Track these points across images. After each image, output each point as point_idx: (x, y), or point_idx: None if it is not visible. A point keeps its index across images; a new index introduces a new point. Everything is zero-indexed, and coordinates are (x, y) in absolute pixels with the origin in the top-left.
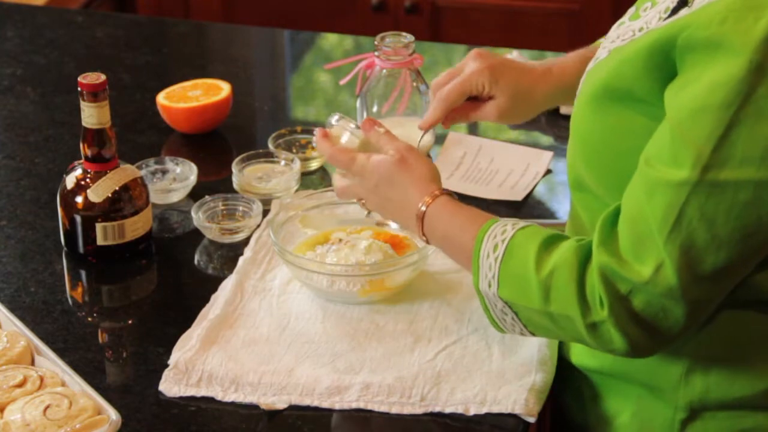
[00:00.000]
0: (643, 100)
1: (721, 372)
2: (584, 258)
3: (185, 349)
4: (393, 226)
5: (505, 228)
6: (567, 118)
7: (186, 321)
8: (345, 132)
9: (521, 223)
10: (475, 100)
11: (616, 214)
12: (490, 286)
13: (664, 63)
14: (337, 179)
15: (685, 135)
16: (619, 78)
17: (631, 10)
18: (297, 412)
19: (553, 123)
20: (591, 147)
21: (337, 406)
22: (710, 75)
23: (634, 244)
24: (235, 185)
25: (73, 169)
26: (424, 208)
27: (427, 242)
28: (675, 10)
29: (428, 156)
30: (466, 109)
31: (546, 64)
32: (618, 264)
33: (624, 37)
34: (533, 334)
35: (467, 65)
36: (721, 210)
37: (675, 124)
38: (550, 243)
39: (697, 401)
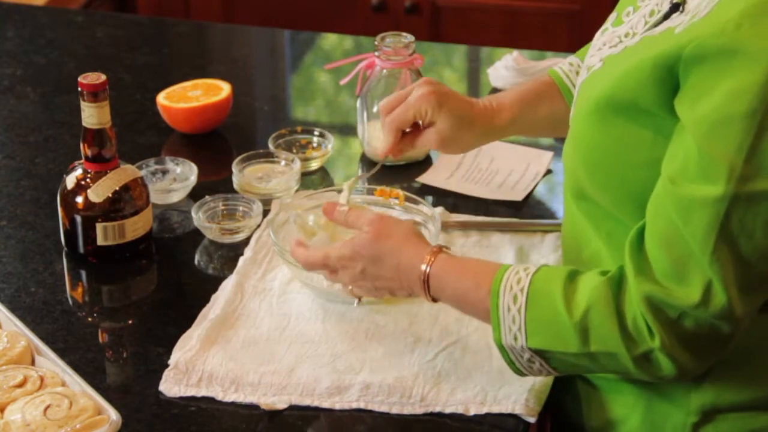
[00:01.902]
0: (648, 112)
1: (733, 375)
2: (616, 291)
3: (185, 349)
4: None
5: (519, 276)
6: None
7: (186, 321)
8: (298, 225)
9: (531, 267)
10: (418, 128)
11: (640, 236)
12: (516, 339)
13: (666, 76)
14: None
15: (712, 149)
16: (623, 90)
17: (612, 16)
18: (297, 412)
19: None
20: (595, 158)
21: (337, 406)
22: (728, 83)
23: (675, 267)
24: (235, 185)
25: (73, 169)
26: (427, 269)
27: (434, 301)
28: (667, 15)
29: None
30: (410, 137)
31: (487, 102)
32: (662, 291)
33: (612, 44)
34: (560, 373)
35: (414, 90)
36: (759, 222)
37: (700, 139)
38: (571, 282)
39: (709, 405)
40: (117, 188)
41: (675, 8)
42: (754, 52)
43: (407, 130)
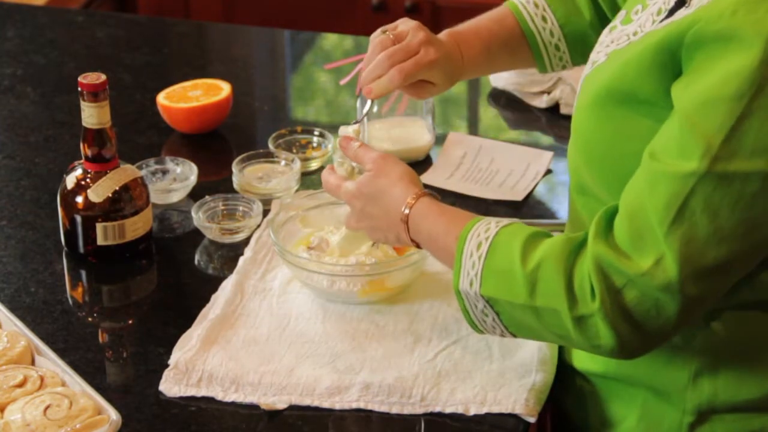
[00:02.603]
0: (648, 102)
1: (730, 374)
2: (573, 250)
3: (185, 349)
4: None
5: (489, 226)
6: (567, 118)
7: (186, 321)
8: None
9: (505, 221)
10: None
11: (615, 209)
12: (471, 284)
13: (669, 62)
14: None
15: (694, 126)
16: (623, 80)
17: (621, 14)
18: (297, 412)
19: (553, 123)
20: (594, 151)
21: (337, 406)
22: (722, 67)
23: (632, 236)
24: (235, 185)
25: (73, 169)
26: (407, 211)
27: (418, 246)
28: (672, 11)
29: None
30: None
31: (453, 40)
32: (614, 256)
33: (619, 41)
34: (514, 335)
35: (423, 49)
36: (727, 202)
37: (684, 116)
38: (535, 237)
39: (705, 404)
40: (117, 188)
41: (681, 4)
42: (748, 37)
43: None
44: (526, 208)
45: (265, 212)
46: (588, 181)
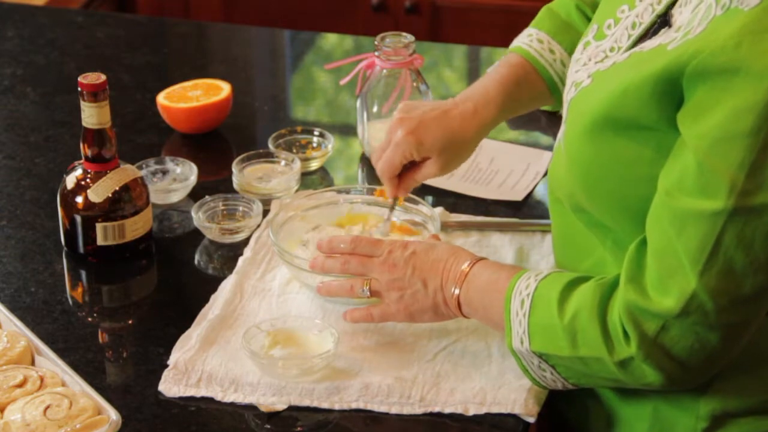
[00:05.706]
0: (650, 128)
1: (742, 378)
2: (605, 296)
3: (185, 349)
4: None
5: (528, 282)
6: None
7: (186, 321)
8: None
9: (544, 272)
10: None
11: (642, 246)
12: (522, 342)
13: (670, 91)
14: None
15: (714, 164)
16: (623, 107)
17: (593, 29)
18: (296, 412)
19: (553, 123)
20: (593, 178)
21: (336, 406)
22: (732, 102)
23: (661, 277)
24: (235, 185)
25: (73, 169)
26: (469, 265)
27: (458, 305)
28: (656, 30)
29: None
30: (410, 175)
31: (468, 102)
32: (644, 300)
33: (597, 59)
34: (576, 386)
35: (393, 135)
36: (759, 233)
37: (701, 155)
38: (571, 286)
39: (719, 410)
40: (117, 188)
41: (663, 24)
42: (756, 70)
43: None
44: (526, 208)
45: (265, 212)
46: (586, 206)
